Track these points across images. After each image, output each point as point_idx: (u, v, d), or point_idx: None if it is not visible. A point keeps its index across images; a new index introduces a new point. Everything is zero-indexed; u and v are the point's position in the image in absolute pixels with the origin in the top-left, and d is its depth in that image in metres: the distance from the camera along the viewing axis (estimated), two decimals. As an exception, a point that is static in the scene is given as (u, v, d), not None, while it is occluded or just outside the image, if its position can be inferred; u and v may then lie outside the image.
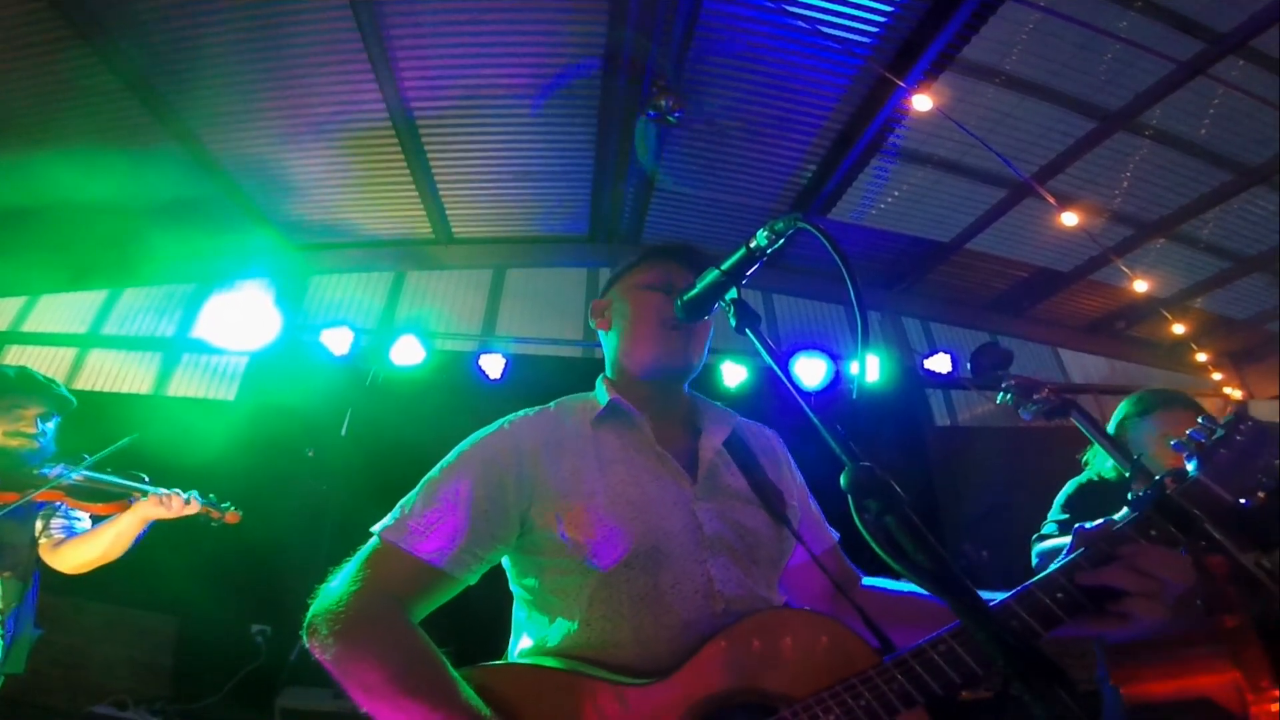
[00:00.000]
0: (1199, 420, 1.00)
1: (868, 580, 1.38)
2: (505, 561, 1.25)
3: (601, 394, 1.34)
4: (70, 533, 2.41)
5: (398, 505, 1.18)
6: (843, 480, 0.82)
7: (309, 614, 1.06)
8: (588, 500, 1.16)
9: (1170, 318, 6.26)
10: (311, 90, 4.61)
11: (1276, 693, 1.75)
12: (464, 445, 1.24)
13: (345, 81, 4.55)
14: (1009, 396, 2.22)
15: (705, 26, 4.27)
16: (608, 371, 1.42)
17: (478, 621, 1.71)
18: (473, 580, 1.16)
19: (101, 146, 4.62)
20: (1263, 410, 6.90)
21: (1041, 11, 4.09)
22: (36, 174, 4.54)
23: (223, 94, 4.51)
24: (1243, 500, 0.92)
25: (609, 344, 1.42)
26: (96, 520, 2.45)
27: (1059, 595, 0.96)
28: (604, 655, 1.09)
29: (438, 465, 1.22)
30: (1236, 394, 7.11)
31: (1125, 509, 1.02)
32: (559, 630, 1.14)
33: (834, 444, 0.88)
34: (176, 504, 2.45)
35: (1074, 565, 0.98)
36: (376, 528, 1.16)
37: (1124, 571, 0.94)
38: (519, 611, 1.25)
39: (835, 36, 4.26)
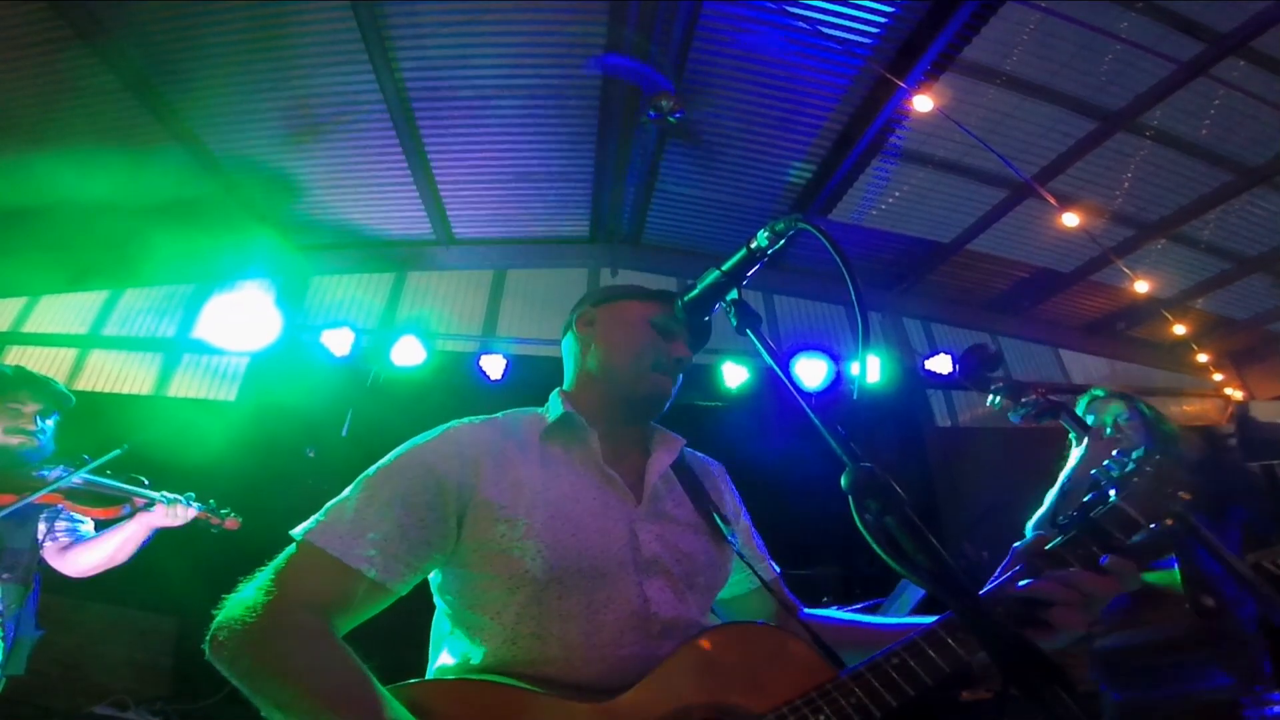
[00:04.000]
0: (1114, 452, 1.17)
1: (808, 610, 1.37)
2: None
3: (555, 406, 1.31)
4: (76, 536, 2.41)
5: (325, 508, 1.10)
6: (843, 481, 0.82)
7: (214, 624, 0.96)
8: (527, 513, 1.12)
9: (1171, 318, 6.26)
10: (312, 90, 4.62)
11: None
12: (404, 448, 1.18)
13: (346, 81, 4.56)
14: (997, 399, 2.30)
15: (706, 27, 4.27)
16: (566, 385, 1.39)
17: (389, 635, 1.59)
18: (404, 591, 1.10)
19: (101, 146, 4.63)
20: (1264, 410, 6.90)
21: (1042, 12, 4.09)
22: (37, 174, 4.54)
23: (223, 94, 4.52)
24: (1153, 524, 1.04)
25: (581, 357, 1.37)
26: (99, 524, 2.45)
27: (999, 609, 0.99)
28: (530, 671, 1.06)
29: (374, 467, 1.15)
30: (1237, 394, 7.10)
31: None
32: (484, 646, 1.09)
33: (835, 444, 0.88)
34: (182, 512, 2.46)
35: (1011, 578, 1.03)
36: (298, 531, 1.07)
37: (1051, 584, 0.99)
38: (441, 624, 1.19)
39: (836, 37, 4.26)
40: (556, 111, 4.94)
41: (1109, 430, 2.29)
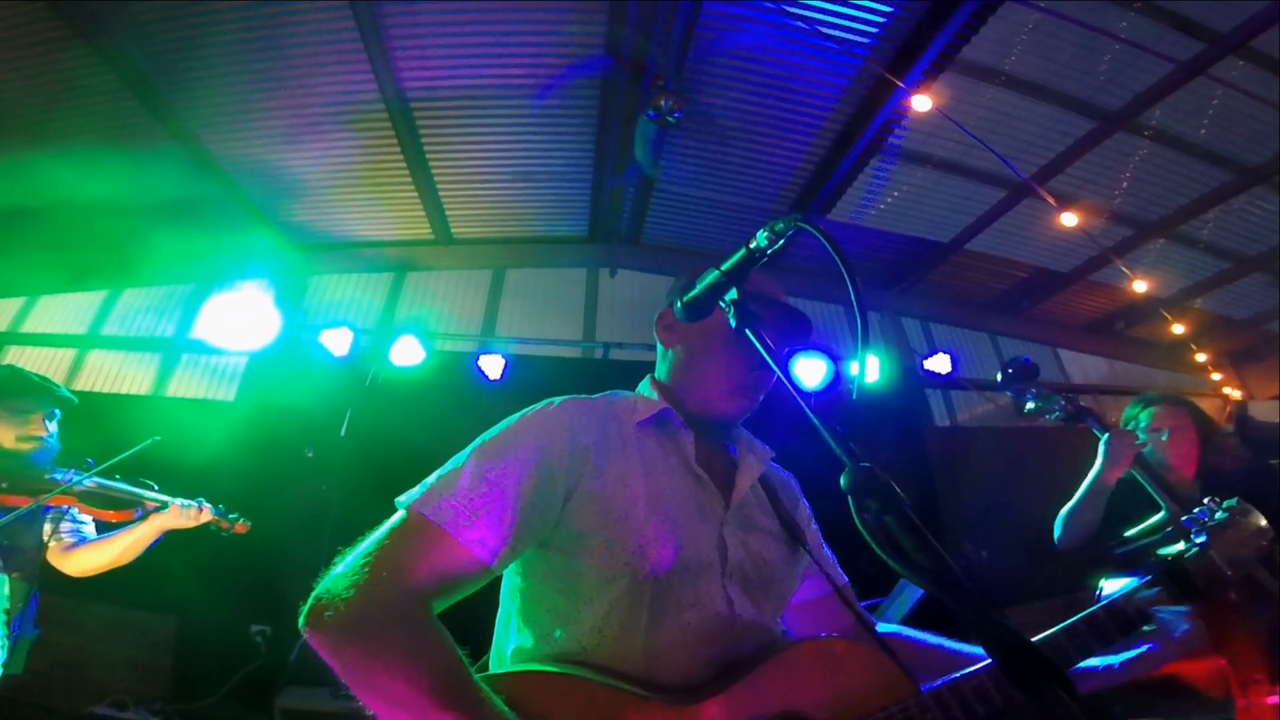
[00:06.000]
0: (1205, 500, 1.26)
1: (883, 626, 1.39)
2: None
3: (652, 397, 1.32)
4: (79, 537, 2.42)
5: (435, 477, 1.08)
6: (843, 481, 0.82)
7: (312, 598, 0.95)
8: (631, 507, 1.13)
9: (1170, 318, 6.25)
10: (311, 90, 4.61)
11: (1278, 689, 1.82)
12: (513, 421, 1.17)
13: (345, 81, 4.55)
14: (1033, 405, 2.43)
15: (705, 26, 4.27)
16: (660, 375, 1.39)
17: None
18: (500, 572, 1.09)
19: (101, 146, 4.62)
20: (1262, 410, 6.90)
21: (1041, 12, 4.09)
22: (36, 174, 4.53)
23: (222, 94, 4.51)
24: (1230, 573, 1.16)
25: (666, 360, 1.38)
26: (102, 526, 2.46)
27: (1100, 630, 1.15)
28: (612, 664, 1.07)
29: (484, 438, 1.15)
30: (1236, 394, 7.11)
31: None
32: (568, 632, 1.10)
33: (834, 444, 0.88)
34: (194, 514, 2.49)
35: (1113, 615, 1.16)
36: (404, 499, 1.05)
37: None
38: (513, 601, 1.19)
39: (835, 37, 4.26)
40: (556, 111, 4.93)
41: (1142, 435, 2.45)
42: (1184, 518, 1.28)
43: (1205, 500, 1.24)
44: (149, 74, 4.29)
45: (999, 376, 2.48)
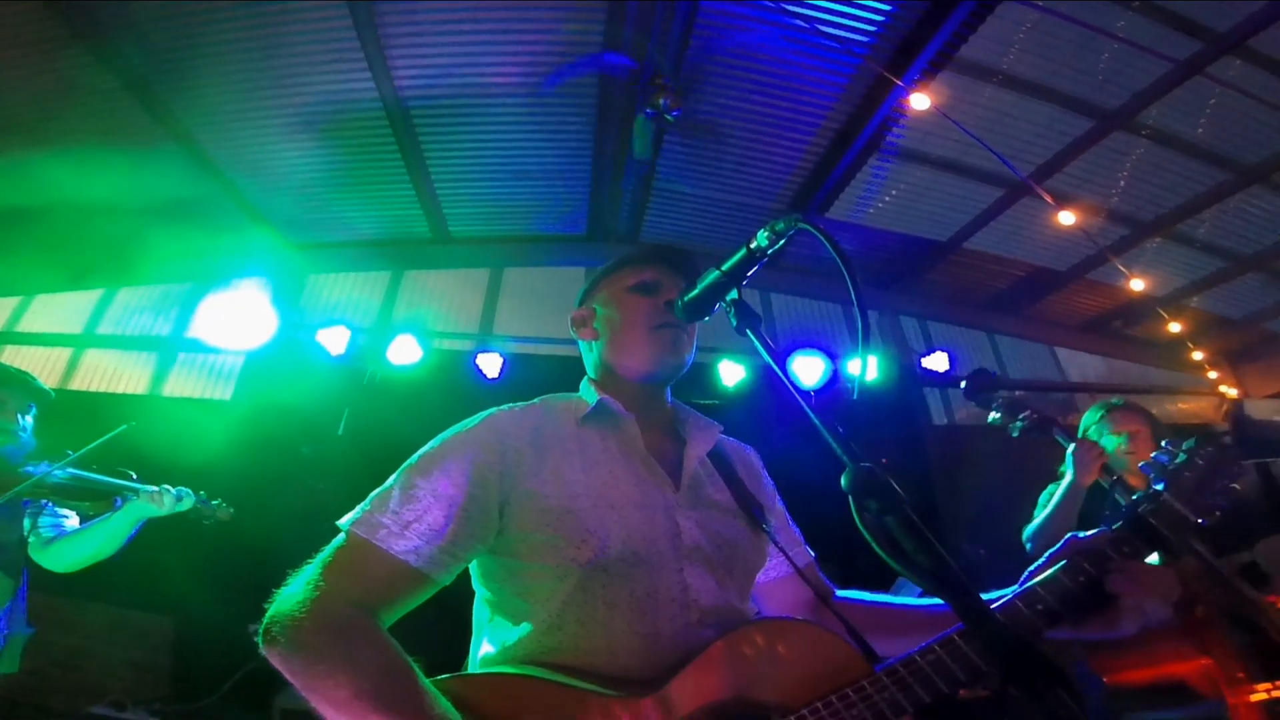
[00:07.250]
0: (1163, 443, 1.14)
1: (841, 593, 1.38)
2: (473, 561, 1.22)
3: (589, 394, 1.33)
4: (60, 531, 2.40)
5: (369, 498, 1.13)
6: (843, 480, 0.82)
7: (265, 619, 0.99)
8: (571, 502, 1.13)
9: (1167, 317, 6.26)
10: (308, 89, 4.60)
11: (1260, 686, 1.85)
12: (445, 436, 1.20)
13: (342, 80, 4.54)
14: (998, 416, 2.56)
15: (703, 25, 4.27)
16: (591, 374, 1.41)
17: (438, 627, 1.54)
18: (448, 581, 1.11)
19: (98, 146, 4.60)
20: (1259, 409, 6.92)
21: (1039, 11, 4.09)
22: (33, 173, 4.52)
23: (220, 94, 4.50)
24: (1200, 520, 1.05)
25: (593, 351, 1.40)
26: (84, 518, 2.45)
27: (1062, 594, 1.04)
28: (575, 661, 1.06)
29: (415, 455, 1.18)
30: (1233, 393, 7.12)
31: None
32: (527, 635, 1.10)
33: (834, 444, 0.88)
34: (167, 500, 2.46)
35: (1076, 568, 1.05)
36: (344, 521, 1.10)
37: (1121, 579, 1.03)
38: (481, 613, 1.21)
39: (833, 35, 4.26)
40: (554, 109, 4.93)
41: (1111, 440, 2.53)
42: (1141, 464, 1.17)
43: (1164, 444, 1.13)
44: (147, 74, 4.28)
45: (962, 384, 2.54)
